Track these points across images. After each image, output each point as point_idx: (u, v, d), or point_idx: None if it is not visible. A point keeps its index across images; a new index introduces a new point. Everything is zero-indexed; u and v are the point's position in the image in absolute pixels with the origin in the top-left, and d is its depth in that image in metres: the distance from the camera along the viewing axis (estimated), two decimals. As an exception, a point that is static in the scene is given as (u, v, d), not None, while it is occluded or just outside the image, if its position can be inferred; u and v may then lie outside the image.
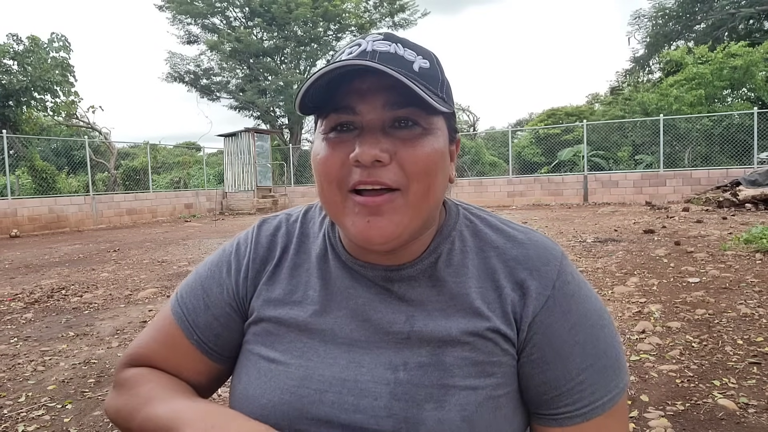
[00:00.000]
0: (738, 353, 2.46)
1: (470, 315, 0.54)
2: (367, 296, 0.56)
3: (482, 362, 0.52)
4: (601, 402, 0.53)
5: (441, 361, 0.52)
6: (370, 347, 0.54)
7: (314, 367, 0.54)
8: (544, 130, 18.34)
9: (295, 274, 0.60)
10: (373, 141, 0.49)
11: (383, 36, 0.52)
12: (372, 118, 0.50)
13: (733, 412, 1.92)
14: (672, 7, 18.95)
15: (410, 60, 0.50)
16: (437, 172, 0.51)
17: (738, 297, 3.37)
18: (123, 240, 8.60)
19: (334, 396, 0.52)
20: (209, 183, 17.57)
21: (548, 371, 0.53)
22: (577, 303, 0.54)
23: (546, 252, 0.56)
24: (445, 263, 0.56)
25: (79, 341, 3.15)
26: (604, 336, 0.54)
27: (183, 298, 0.62)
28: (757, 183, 9.29)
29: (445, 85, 0.53)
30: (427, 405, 0.50)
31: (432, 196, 0.52)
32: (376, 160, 0.48)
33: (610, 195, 12.34)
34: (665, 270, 4.28)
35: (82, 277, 5.23)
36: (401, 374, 0.52)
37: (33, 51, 13.27)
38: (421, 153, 0.50)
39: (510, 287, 0.54)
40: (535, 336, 0.53)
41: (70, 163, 14.62)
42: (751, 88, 15.17)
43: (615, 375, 0.54)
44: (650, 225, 7.08)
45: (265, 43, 19.56)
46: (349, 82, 0.49)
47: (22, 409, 2.20)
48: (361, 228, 0.50)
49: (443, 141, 0.53)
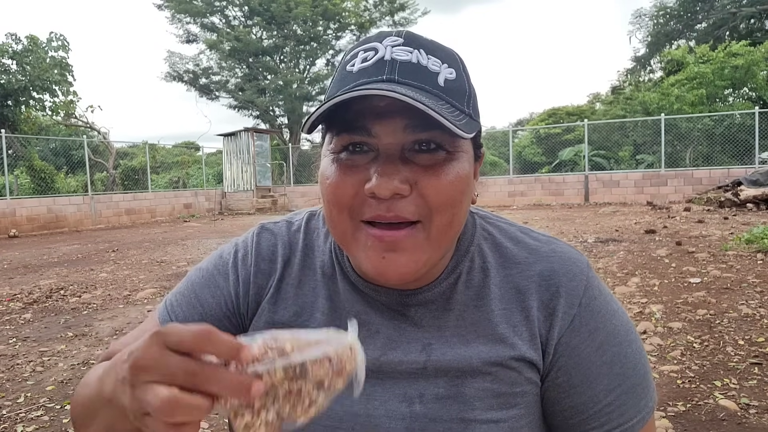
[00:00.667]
0: (739, 354, 2.45)
1: (493, 342, 0.50)
2: (381, 323, 0.52)
3: (505, 393, 0.49)
4: (630, 424, 0.50)
5: (460, 393, 0.48)
6: (382, 378, 0.50)
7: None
8: (545, 129, 18.33)
9: (300, 293, 0.55)
10: (391, 171, 0.43)
11: (403, 39, 0.46)
12: (390, 143, 0.45)
13: (734, 412, 1.91)
14: (673, 6, 18.94)
15: (434, 71, 0.45)
16: (462, 200, 0.46)
17: (739, 297, 3.36)
18: (122, 240, 8.58)
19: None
20: (208, 183, 17.57)
21: (575, 395, 0.50)
22: (604, 320, 0.51)
23: (572, 265, 0.52)
24: (464, 284, 0.52)
25: (78, 342, 3.14)
26: (632, 352, 0.51)
27: (173, 307, 0.56)
28: (759, 183, 9.28)
29: (472, 98, 0.48)
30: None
31: (455, 226, 0.47)
32: (395, 193, 0.43)
33: (611, 195, 12.33)
34: (666, 270, 4.27)
35: (81, 277, 5.22)
36: (417, 407, 0.48)
37: (32, 50, 13.26)
38: (446, 182, 0.45)
39: (536, 306, 0.51)
40: (561, 359, 0.50)
41: (69, 163, 14.62)
42: (752, 88, 15.16)
43: (644, 393, 0.51)
44: (651, 225, 7.07)
45: (265, 42, 19.56)
46: (364, 98, 0.43)
47: (20, 410, 2.19)
48: (375, 264, 0.45)
49: (468, 163, 0.47)
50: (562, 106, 21.93)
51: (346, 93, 0.42)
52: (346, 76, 0.47)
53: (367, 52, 0.46)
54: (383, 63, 0.45)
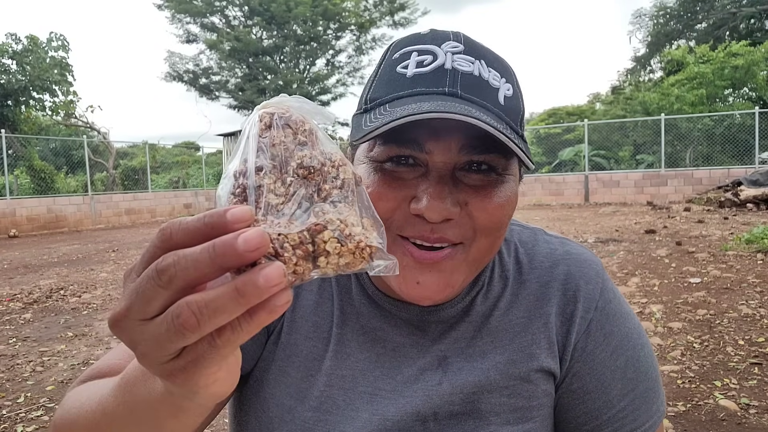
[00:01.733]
0: (739, 354, 2.45)
1: (511, 352, 0.49)
2: (399, 339, 0.49)
3: (522, 408, 0.48)
4: (642, 429, 0.49)
5: (476, 409, 0.47)
6: (395, 396, 0.47)
7: (334, 422, 0.47)
8: (545, 129, 18.33)
9: (320, 302, 0.52)
10: (443, 193, 0.41)
11: (464, 47, 0.43)
12: (442, 161, 0.42)
13: (734, 412, 1.91)
14: (673, 7, 18.94)
15: (495, 87, 0.43)
16: (507, 223, 0.45)
17: (739, 297, 3.36)
18: (122, 240, 8.58)
19: None
20: (208, 183, 17.56)
21: (589, 401, 0.49)
22: (618, 323, 0.51)
23: (587, 268, 0.52)
24: (483, 296, 0.51)
25: (78, 342, 3.14)
26: (644, 356, 0.51)
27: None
28: (759, 183, 9.28)
29: (522, 117, 0.46)
30: None
31: (495, 249, 0.45)
32: (447, 218, 0.41)
33: (611, 195, 12.32)
34: (666, 270, 4.27)
35: (81, 277, 5.22)
36: (431, 425, 0.46)
37: (32, 50, 13.27)
38: (496, 205, 0.43)
39: (554, 312, 0.50)
40: (577, 364, 0.50)
41: (69, 163, 14.62)
42: (752, 88, 15.16)
43: (656, 398, 0.51)
44: (651, 225, 7.07)
45: (265, 42, 19.56)
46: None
47: (21, 410, 2.19)
48: (409, 288, 0.43)
49: (515, 185, 0.46)
50: (562, 106, 21.95)
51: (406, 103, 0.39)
52: (399, 80, 0.43)
53: (423, 55, 0.43)
54: (443, 72, 0.41)
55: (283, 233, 0.26)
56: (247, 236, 0.23)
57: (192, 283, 0.24)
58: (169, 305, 0.25)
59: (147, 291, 0.25)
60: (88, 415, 0.39)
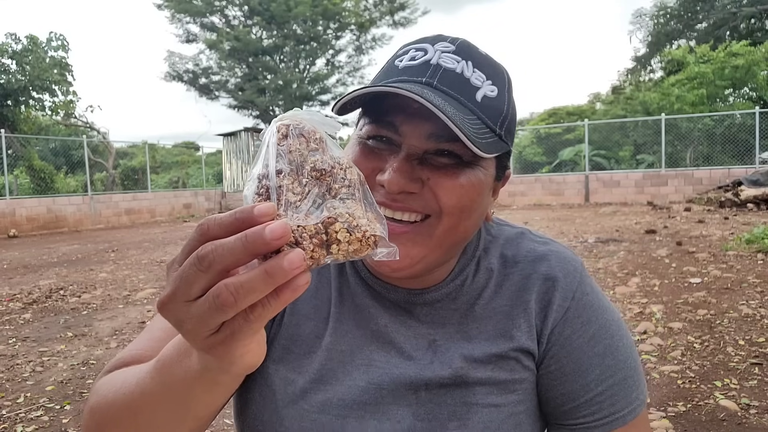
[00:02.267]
0: (739, 354, 2.45)
1: (495, 336, 0.53)
2: (388, 318, 0.54)
3: (505, 381, 0.52)
4: (621, 414, 0.52)
5: (464, 382, 0.51)
6: (389, 368, 0.52)
7: (333, 391, 0.51)
8: (545, 129, 18.32)
9: (319, 287, 0.56)
10: (406, 169, 0.45)
11: (456, 47, 0.47)
12: (413, 144, 0.46)
13: (734, 412, 1.91)
14: (673, 6, 18.94)
15: (476, 86, 0.47)
16: (471, 208, 0.48)
17: (740, 297, 3.36)
18: (121, 240, 8.58)
19: (356, 421, 0.50)
20: (208, 183, 17.57)
21: (567, 383, 0.52)
22: (597, 314, 0.54)
23: (567, 264, 0.55)
24: (469, 286, 0.54)
25: (78, 342, 3.14)
26: (624, 346, 0.54)
27: None
28: (759, 183, 9.27)
29: (508, 120, 0.49)
30: (450, 424, 0.49)
31: (461, 233, 0.48)
32: (403, 190, 0.45)
33: (611, 195, 12.32)
34: (667, 270, 4.26)
35: (81, 277, 5.22)
36: (423, 394, 0.51)
37: (31, 50, 13.26)
38: (457, 184, 0.46)
39: (534, 299, 0.53)
40: (554, 348, 0.52)
41: (69, 163, 14.62)
42: (752, 88, 15.16)
43: (635, 386, 0.53)
44: (652, 225, 7.07)
45: (264, 42, 19.55)
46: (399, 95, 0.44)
47: (20, 410, 2.19)
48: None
49: (485, 176, 0.49)
50: (563, 106, 21.93)
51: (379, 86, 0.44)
52: (391, 70, 0.49)
53: (417, 51, 0.48)
54: (427, 66, 0.47)
55: (302, 225, 0.31)
56: (272, 227, 0.28)
57: (227, 267, 0.29)
58: (208, 288, 0.30)
59: (190, 276, 0.30)
60: (126, 397, 0.44)
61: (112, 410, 0.45)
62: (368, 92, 0.44)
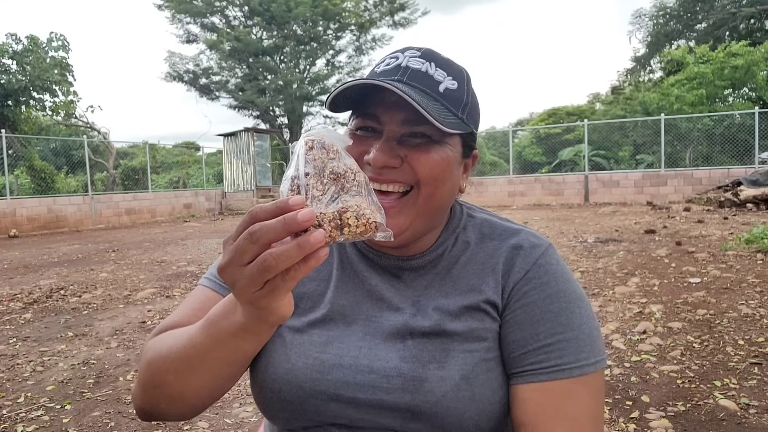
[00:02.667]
0: (739, 354, 2.45)
1: (467, 292, 0.62)
2: (380, 280, 0.64)
3: (476, 329, 0.60)
4: (568, 366, 0.56)
5: (443, 331, 0.60)
6: (382, 321, 0.62)
7: (334, 336, 0.62)
8: (545, 129, 18.33)
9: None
10: (386, 148, 0.57)
11: (421, 53, 0.59)
12: (391, 129, 0.58)
13: (734, 412, 1.91)
14: (673, 7, 18.94)
15: (438, 80, 0.58)
16: (444, 178, 0.58)
17: (739, 297, 3.36)
18: (122, 240, 8.59)
19: (351, 359, 0.60)
20: (208, 183, 17.57)
21: (518, 331, 0.59)
22: (557, 280, 0.61)
23: (535, 239, 0.65)
24: (448, 254, 0.65)
25: (78, 341, 3.14)
26: (581, 314, 0.59)
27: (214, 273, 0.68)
28: (759, 183, 9.28)
29: (468, 107, 0.60)
30: (430, 365, 0.58)
31: (437, 200, 0.59)
32: (385, 165, 0.57)
33: (611, 195, 12.33)
34: (666, 270, 4.27)
35: (81, 277, 5.23)
36: (409, 341, 0.60)
37: (32, 50, 13.26)
38: (430, 158, 0.57)
39: (501, 262, 0.63)
40: (512, 300, 0.61)
41: (69, 163, 14.62)
42: (752, 88, 15.16)
43: (588, 349, 0.57)
44: (651, 225, 7.07)
45: (265, 42, 19.55)
46: (380, 92, 0.56)
47: (21, 410, 2.19)
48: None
49: (453, 153, 0.59)
50: (562, 106, 21.94)
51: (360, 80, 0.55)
52: (371, 75, 0.60)
53: (391, 59, 0.60)
54: (398, 68, 0.58)
55: (323, 212, 0.42)
56: (302, 213, 0.39)
57: (270, 241, 0.40)
58: (256, 256, 0.41)
59: (243, 246, 0.41)
60: (179, 350, 0.55)
61: (167, 362, 0.56)
62: (352, 85, 0.55)
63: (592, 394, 0.57)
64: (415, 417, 0.56)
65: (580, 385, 0.56)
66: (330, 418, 0.59)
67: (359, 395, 0.58)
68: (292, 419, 0.60)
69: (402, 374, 0.58)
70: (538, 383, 0.56)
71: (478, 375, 0.58)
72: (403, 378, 0.57)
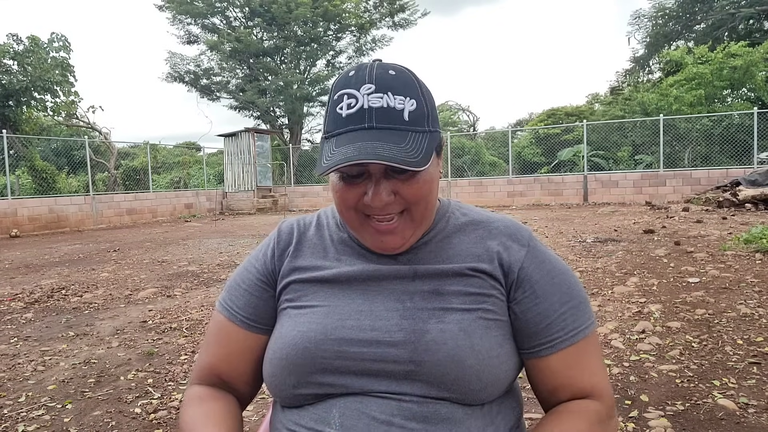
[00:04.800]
0: (738, 353, 2.46)
1: (461, 262, 0.68)
2: (378, 260, 0.70)
3: (474, 293, 0.66)
4: (582, 327, 0.68)
5: (441, 291, 0.66)
6: (381, 289, 0.67)
7: (336, 304, 0.67)
8: (544, 130, 18.33)
9: (315, 251, 0.74)
10: (379, 190, 0.62)
11: (375, 86, 0.61)
12: (376, 168, 0.63)
13: (733, 412, 1.92)
14: (672, 7, 18.95)
15: (400, 109, 0.61)
16: (431, 192, 0.66)
17: (738, 297, 3.37)
18: (123, 240, 8.59)
19: (354, 321, 0.65)
20: (209, 183, 17.57)
21: (540, 304, 0.67)
22: (548, 258, 0.70)
23: (518, 226, 0.72)
24: (440, 234, 0.71)
25: (79, 341, 3.15)
26: (574, 282, 0.70)
27: (225, 298, 0.76)
28: (757, 183, 9.29)
29: (430, 114, 0.64)
30: (430, 321, 0.64)
31: (430, 208, 0.67)
32: (385, 204, 0.62)
33: (610, 195, 12.34)
34: (665, 270, 4.28)
35: (82, 277, 5.23)
36: (408, 303, 0.66)
37: (33, 51, 13.27)
38: (417, 188, 0.63)
39: (495, 245, 0.69)
40: (522, 280, 0.67)
41: (70, 163, 14.62)
42: (751, 88, 15.17)
43: (587, 310, 0.69)
44: (650, 225, 7.08)
45: (265, 43, 19.55)
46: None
47: (22, 409, 2.20)
48: (377, 245, 0.67)
49: (433, 168, 0.65)
50: (561, 107, 21.93)
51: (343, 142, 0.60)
52: (338, 119, 0.62)
53: (350, 98, 0.61)
54: (363, 111, 0.61)
55: None
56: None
57: None
58: None
59: None
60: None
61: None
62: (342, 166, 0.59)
63: (597, 345, 0.70)
64: (419, 366, 0.61)
65: (590, 341, 0.68)
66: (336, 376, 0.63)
67: (364, 349, 0.63)
68: (300, 385, 0.64)
69: (404, 328, 0.63)
70: (564, 349, 0.66)
71: (476, 330, 0.63)
72: (405, 331, 0.63)
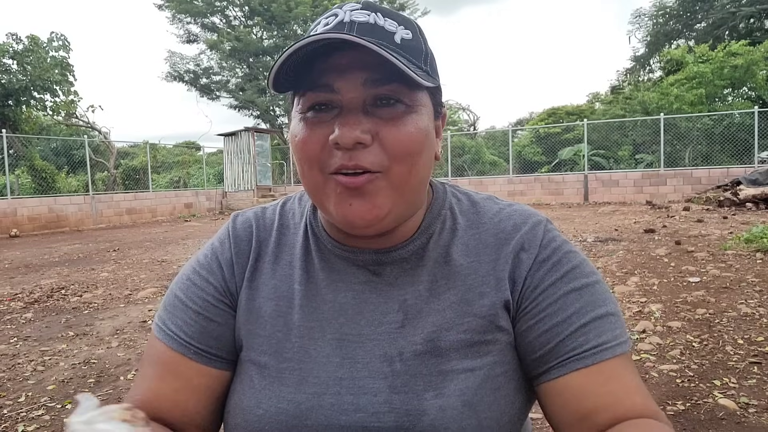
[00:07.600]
0: (738, 353, 2.45)
1: (464, 293, 0.53)
2: (356, 287, 0.54)
3: (477, 342, 0.51)
4: (608, 345, 0.49)
5: (437, 348, 0.51)
6: (362, 340, 0.52)
7: (308, 369, 0.52)
8: (545, 129, 18.32)
9: (277, 269, 0.57)
10: (353, 122, 0.46)
11: (362, 5, 0.48)
12: (352, 97, 0.47)
13: (733, 411, 1.92)
14: (672, 6, 18.94)
15: (391, 31, 0.47)
16: (421, 151, 0.49)
17: (738, 296, 3.37)
18: (123, 239, 8.59)
19: (333, 398, 0.50)
20: (209, 182, 17.57)
21: (547, 319, 0.51)
22: (567, 257, 0.54)
23: (531, 217, 0.56)
24: (436, 243, 0.55)
25: (79, 341, 3.15)
26: (602, 289, 0.53)
27: (165, 321, 0.56)
28: (758, 182, 9.28)
29: (429, 57, 0.50)
30: (426, 394, 0.49)
31: (415, 176, 0.49)
32: (357, 142, 0.46)
33: (610, 194, 12.33)
34: (666, 269, 4.27)
35: (82, 276, 5.23)
36: (398, 365, 0.51)
37: (32, 50, 13.26)
38: (405, 132, 0.47)
39: (502, 254, 0.54)
40: (528, 291, 0.52)
41: (70, 163, 14.61)
42: (751, 87, 15.16)
43: (620, 326, 0.51)
44: (651, 224, 7.08)
45: (265, 42, 19.56)
46: (326, 57, 0.46)
47: (21, 409, 2.20)
48: (343, 211, 0.48)
49: (428, 118, 0.50)
50: (562, 106, 21.92)
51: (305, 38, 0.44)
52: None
53: (329, 17, 0.48)
54: (342, 24, 0.47)
55: None
56: None
57: None
58: None
59: None
60: None
61: None
62: (295, 48, 0.44)
63: (635, 373, 0.50)
64: None
65: (624, 364, 0.49)
66: None
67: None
68: None
69: (394, 409, 0.49)
70: (584, 368, 0.48)
71: (482, 398, 0.49)
72: (396, 413, 0.49)
